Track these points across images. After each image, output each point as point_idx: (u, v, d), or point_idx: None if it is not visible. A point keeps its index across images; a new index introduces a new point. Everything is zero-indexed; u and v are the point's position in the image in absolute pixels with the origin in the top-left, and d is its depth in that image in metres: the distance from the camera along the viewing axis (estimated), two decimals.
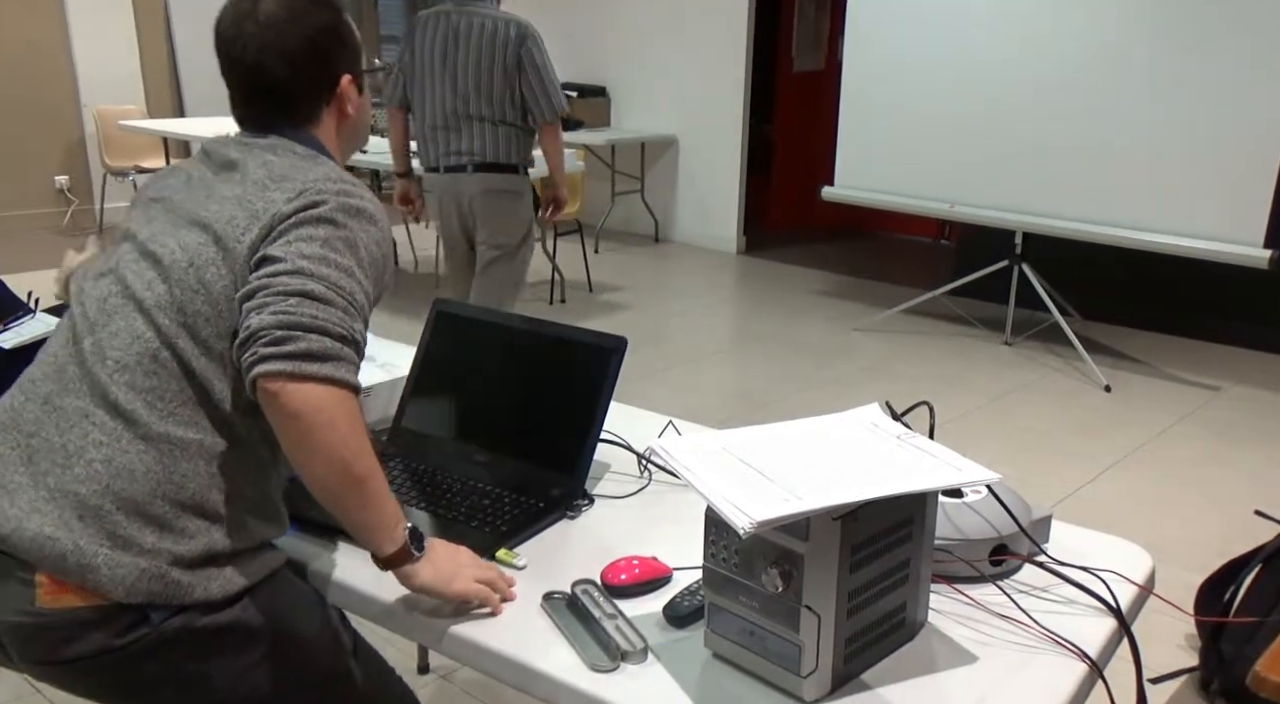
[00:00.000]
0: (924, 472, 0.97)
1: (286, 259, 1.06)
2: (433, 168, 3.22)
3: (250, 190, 1.13)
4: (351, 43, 1.25)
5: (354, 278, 1.09)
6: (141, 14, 6.57)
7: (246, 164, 1.16)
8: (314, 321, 1.03)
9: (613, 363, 1.35)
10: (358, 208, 1.13)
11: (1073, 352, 4.35)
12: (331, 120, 1.25)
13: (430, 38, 3.10)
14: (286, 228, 1.09)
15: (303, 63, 1.19)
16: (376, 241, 1.14)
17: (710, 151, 6.36)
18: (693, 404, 3.82)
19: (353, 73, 1.25)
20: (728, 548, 0.97)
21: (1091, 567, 1.16)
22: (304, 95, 1.21)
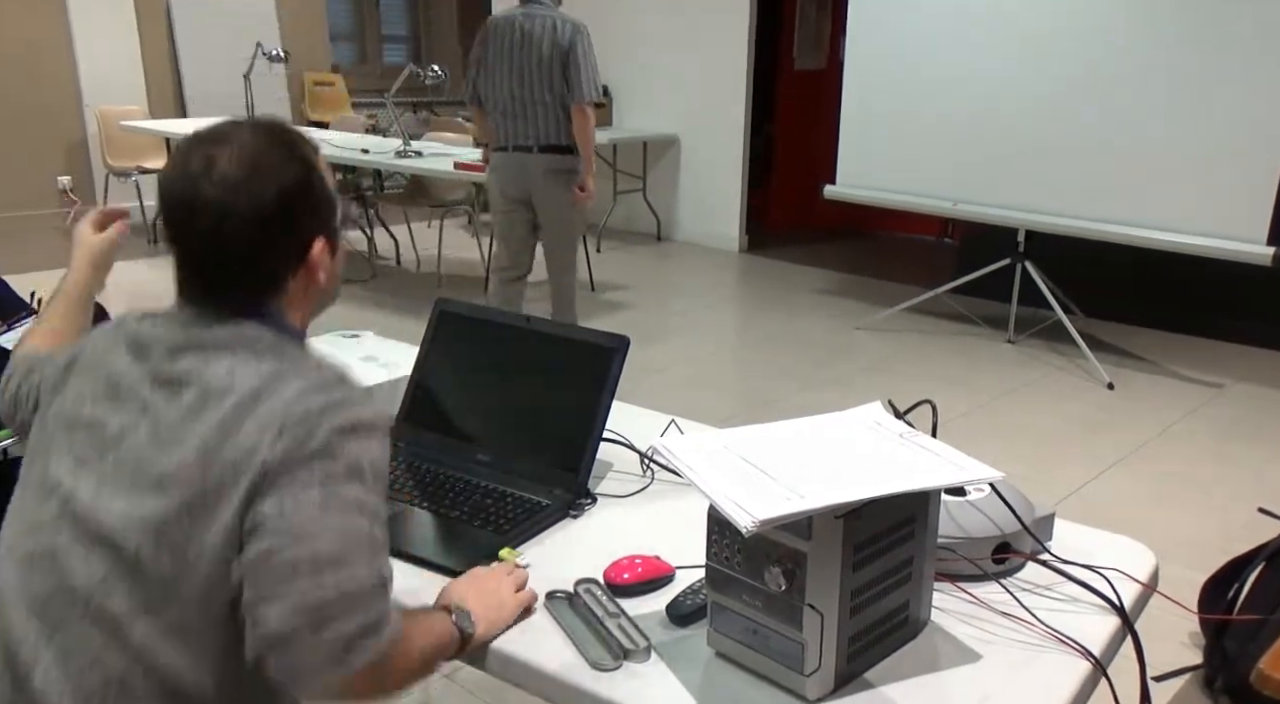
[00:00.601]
0: (926, 470, 0.97)
1: (284, 522, 0.89)
2: (501, 148, 3.67)
3: (215, 432, 0.92)
4: (325, 198, 1.04)
5: (365, 512, 0.92)
6: (143, 14, 6.58)
7: (203, 380, 0.95)
8: (337, 593, 0.88)
9: (615, 362, 1.35)
10: (351, 425, 0.94)
11: (1075, 349, 4.34)
12: (298, 288, 1.04)
13: (502, 38, 3.57)
14: (276, 478, 0.90)
15: (268, 229, 0.98)
16: (379, 455, 0.96)
17: (712, 151, 6.36)
18: (695, 403, 3.82)
19: (327, 233, 1.04)
20: (730, 547, 0.97)
21: (1095, 565, 1.16)
22: (268, 265, 1.01)
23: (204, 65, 6.79)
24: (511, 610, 1.06)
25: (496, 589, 1.08)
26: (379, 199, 5.91)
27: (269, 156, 0.99)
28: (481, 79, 3.67)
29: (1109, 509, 3.02)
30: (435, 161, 4.74)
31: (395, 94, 5.07)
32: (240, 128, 1.00)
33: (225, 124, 1.01)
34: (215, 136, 0.99)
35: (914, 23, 4.50)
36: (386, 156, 4.83)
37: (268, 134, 1.00)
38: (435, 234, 5.88)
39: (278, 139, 1.01)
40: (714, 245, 6.51)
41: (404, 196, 5.81)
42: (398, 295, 5.18)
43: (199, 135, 1.00)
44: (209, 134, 1.00)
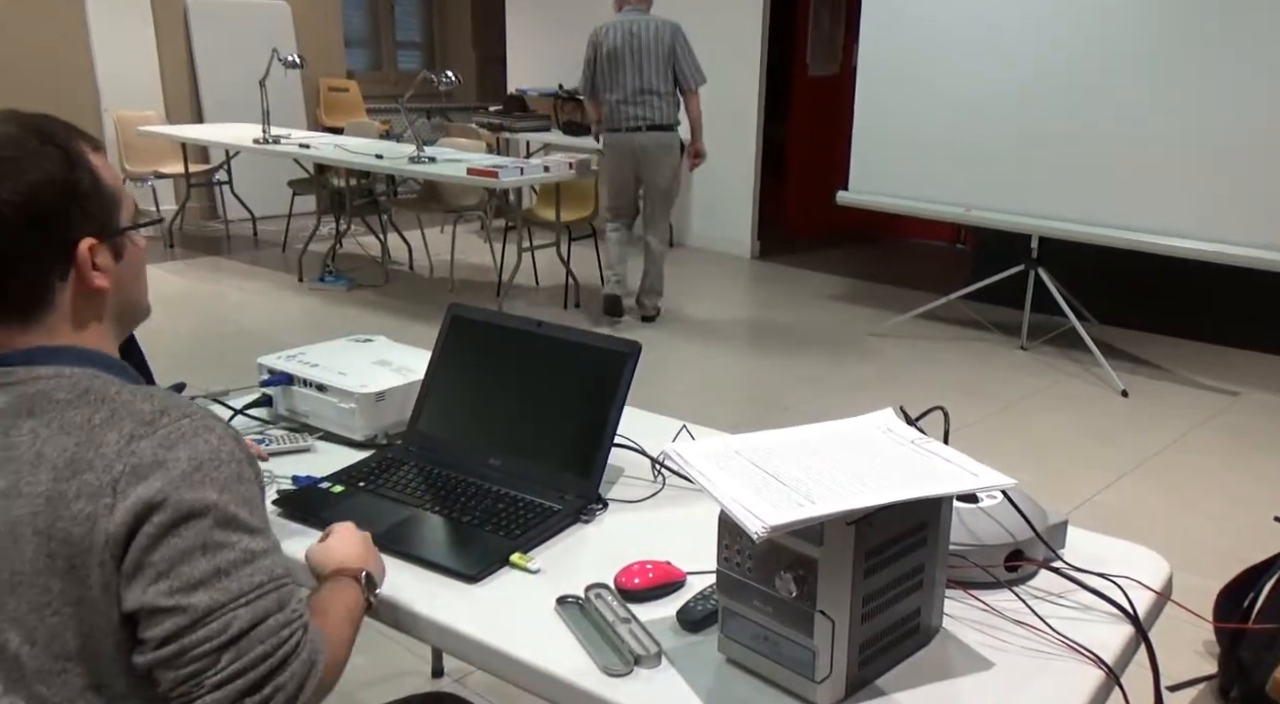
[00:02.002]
0: (939, 476, 0.96)
1: (180, 608, 0.84)
2: (614, 130, 4.59)
3: (45, 513, 0.84)
4: (95, 192, 0.93)
5: (246, 551, 0.87)
6: (161, 20, 6.63)
7: (9, 457, 0.87)
8: (267, 654, 0.86)
9: (627, 367, 1.35)
10: (174, 441, 0.87)
11: (1089, 356, 4.32)
12: (75, 299, 0.93)
13: (615, 39, 4.48)
14: (139, 558, 0.84)
15: (15, 233, 0.88)
16: (214, 452, 0.88)
17: (725, 156, 6.36)
18: (706, 408, 3.82)
19: (101, 233, 0.93)
20: (741, 552, 0.96)
21: (1108, 573, 1.15)
22: (22, 276, 0.90)
23: (220, 71, 6.84)
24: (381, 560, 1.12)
25: (366, 538, 1.13)
26: (392, 204, 5.94)
27: (18, 145, 0.89)
28: (598, 75, 4.54)
29: (1123, 517, 3.00)
30: (448, 167, 4.75)
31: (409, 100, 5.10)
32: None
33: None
34: None
35: (927, 29, 4.50)
36: (400, 162, 4.85)
37: (20, 123, 0.91)
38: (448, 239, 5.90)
39: (33, 130, 0.90)
40: (726, 251, 6.51)
41: (417, 202, 5.83)
42: (410, 300, 5.20)
43: None
44: None
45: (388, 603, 1.12)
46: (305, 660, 0.89)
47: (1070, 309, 4.37)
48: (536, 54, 7.31)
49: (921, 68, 4.54)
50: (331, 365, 1.57)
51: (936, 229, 6.78)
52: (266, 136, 5.49)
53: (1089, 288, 4.90)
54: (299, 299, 5.20)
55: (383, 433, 1.52)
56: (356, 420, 1.49)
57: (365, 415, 1.49)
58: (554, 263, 5.78)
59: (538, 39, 7.27)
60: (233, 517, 0.88)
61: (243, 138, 5.57)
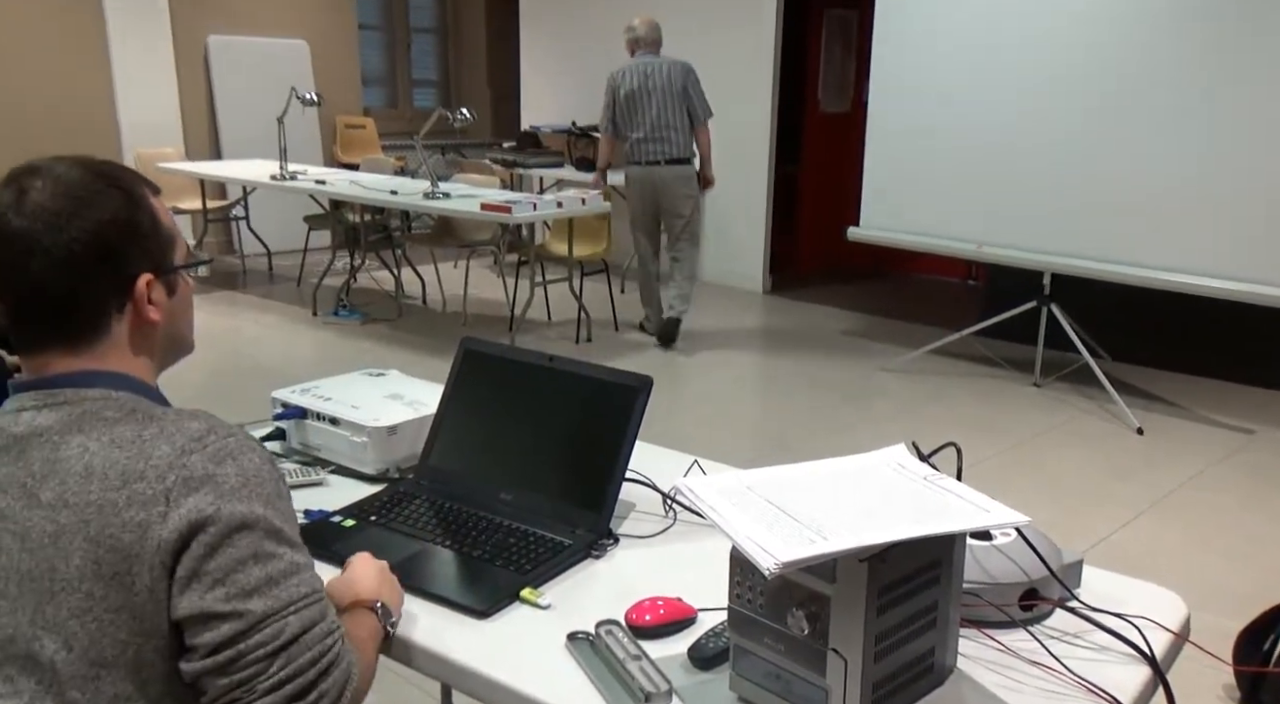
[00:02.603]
0: (952, 513, 0.96)
1: (237, 613, 0.88)
2: (636, 163, 4.94)
3: (95, 521, 0.87)
4: (154, 232, 0.98)
5: (292, 563, 0.92)
6: (182, 60, 6.76)
7: (58, 471, 0.90)
8: (314, 660, 0.90)
9: (638, 402, 1.36)
10: (222, 456, 0.91)
11: (1103, 393, 4.30)
12: (129, 331, 0.98)
13: (632, 82, 4.85)
14: (195, 566, 0.87)
15: (82, 264, 0.93)
16: (258, 470, 0.93)
17: (736, 192, 6.40)
18: (718, 443, 3.81)
19: (157, 269, 0.99)
20: (753, 589, 0.96)
21: (1125, 613, 1.14)
22: (84, 307, 0.95)
23: (239, 109, 6.95)
24: (401, 592, 1.14)
25: (382, 568, 1.14)
26: (406, 239, 5.99)
27: (86, 187, 0.94)
28: (619, 116, 4.91)
29: (1139, 556, 2.96)
30: (462, 203, 4.80)
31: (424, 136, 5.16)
32: (60, 161, 0.96)
33: (47, 158, 0.97)
34: (31, 170, 0.95)
35: (937, 66, 4.54)
36: (414, 198, 4.90)
37: (87, 167, 0.96)
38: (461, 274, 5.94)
39: (97, 172, 0.96)
40: (738, 286, 6.52)
41: (431, 237, 5.87)
42: (423, 334, 5.22)
43: (16, 169, 0.95)
44: (26, 167, 0.95)
45: (397, 638, 1.11)
46: (345, 669, 0.93)
47: (1083, 345, 4.35)
48: (550, 91, 7.40)
49: (933, 104, 4.58)
50: (344, 399, 1.58)
51: (948, 265, 6.79)
52: (283, 173, 5.56)
53: (1102, 324, 4.88)
54: (313, 333, 5.23)
55: (394, 467, 1.52)
56: (368, 454, 1.50)
57: (377, 449, 1.49)
58: (566, 297, 5.80)
59: (551, 77, 7.37)
60: (278, 529, 0.93)
61: (260, 174, 5.64)
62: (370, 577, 1.12)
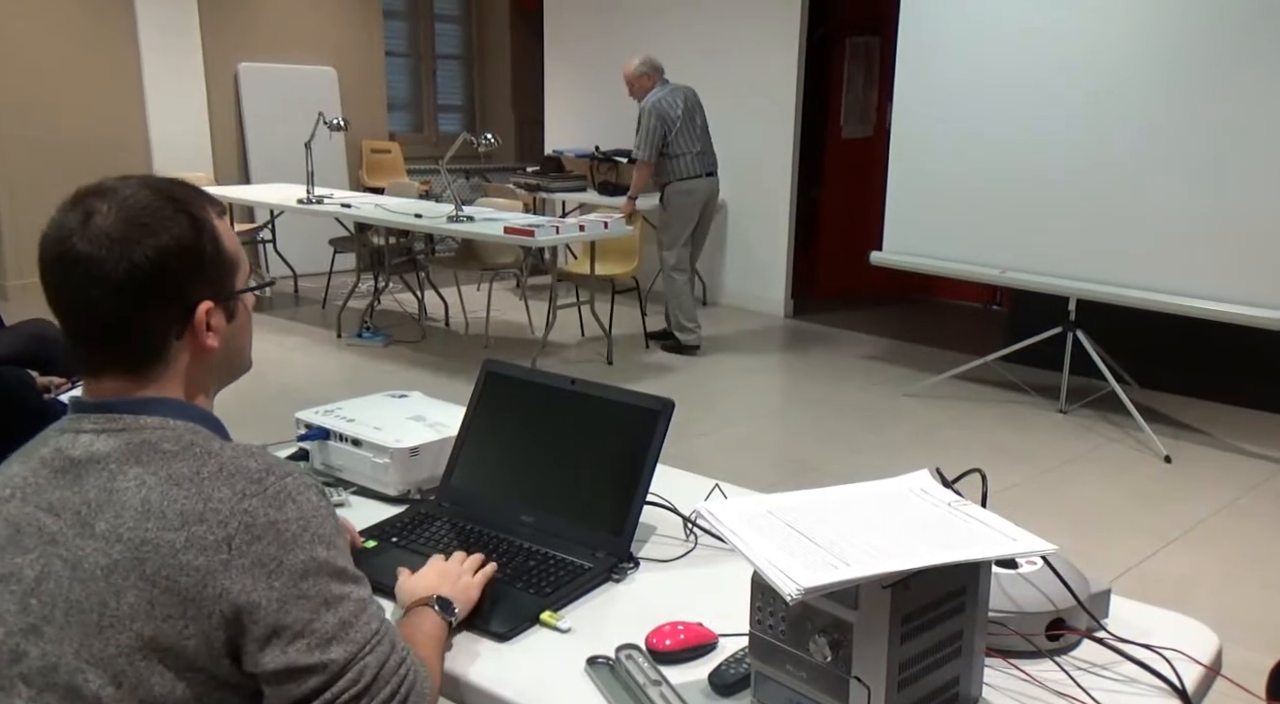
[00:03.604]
0: (977, 541, 0.95)
1: (322, 664, 0.89)
2: (697, 176, 5.29)
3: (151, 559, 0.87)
4: (217, 258, 0.97)
5: (354, 590, 0.94)
6: (214, 86, 6.88)
7: (113, 502, 0.90)
8: (393, 693, 0.93)
9: (660, 425, 1.35)
10: (282, 500, 0.91)
11: (1130, 421, 4.24)
12: (188, 357, 0.97)
13: (679, 106, 5.21)
14: (273, 621, 0.88)
15: (143, 294, 0.92)
16: (316, 509, 0.93)
17: (758, 217, 6.41)
18: (740, 467, 3.79)
19: (218, 296, 0.98)
20: (775, 615, 0.95)
21: (1154, 644, 1.12)
22: (143, 334, 0.94)
23: (268, 133, 7.06)
24: (477, 585, 1.18)
25: (459, 572, 1.19)
26: (430, 262, 6.03)
27: (153, 212, 0.93)
28: (675, 136, 5.20)
29: (1168, 587, 2.91)
30: (486, 226, 4.83)
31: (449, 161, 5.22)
32: (127, 182, 0.95)
33: (114, 179, 0.96)
34: (98, 191, 0.94)
35: (961, 91, 4.54)
36: (439, 221, 4.94)
37: (155, 189, 0.95)
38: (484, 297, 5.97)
39: (164, 195, 0.95)
40: (760, 310, 6.52)
41: (455, 260, 5.92)
42: (446, 356, 5.24)
43: (83, 189, 0.95)
44: (93, 188, 0.94)
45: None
46: (420, 692, 0.96)
47: (1110, 372, 4.30)
48: (573, 116, 7.46)
49: (956, 129, 4.57)
50: (367, 420, 1.58)
51: (972, 290, 6.75)
52: (310, 196, 5.63)
53: (1129, 350, 4.83)
54: (337, 355, 5.27)
55: (416, 488, 1.53)
56: (390, 475, 1.50)
57: (399, 470, 1.50)
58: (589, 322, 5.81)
59: (575, 102, 7.43)
60: (342, 569, 0.94)
61: (287, 198, 5.72)
62: (428, 576, 1.17)
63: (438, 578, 1.17)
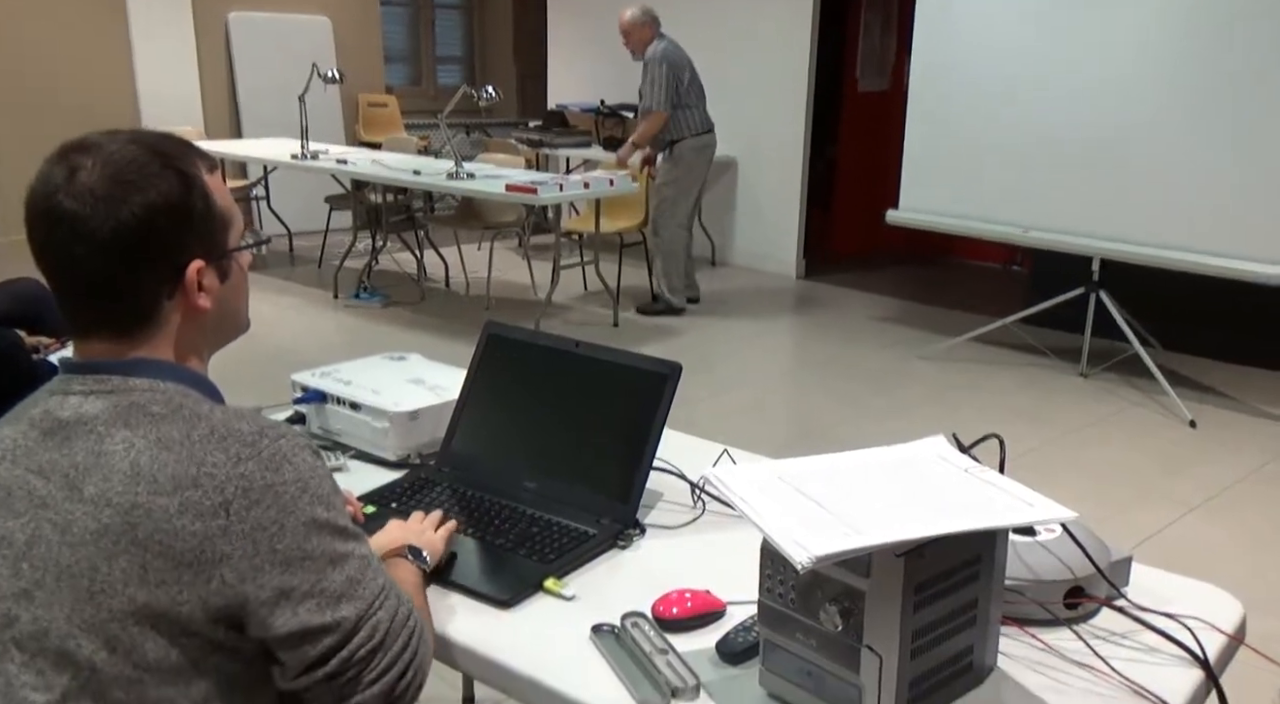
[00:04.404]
0: (994, 507, 0.95)
1: (335, 623, 0.92)
2: (707, 131, 5.25)
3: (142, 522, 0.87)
4: (208, 215, 0.97)
5: (356, 547, 0.96)
6: (203, 36, 6.82)
7: (102, 466, 0.90)
8: (405, 644, 0.96)
9: (667, 389, 1.35)
10: (278, 462, 0.92)
11: (1154, 384, 4.23)
12: (180, 318, 0.98)
13: (683, 56, 5.14)
14: (281, 584, 0.89)
15: (130, 254, 0.92)
16: (313, 470, 0.94)
17: (771, 173, 6.36)
18: (749, 432, 3.80)
19: (209, 255, 0.98)
20: (785, 583, 0.95)
21: (1176, 613, 1.12)
22: (132, 294, 0.94)
23: (260, 86, 7.00)
24: (441, 537, 1.22)
25: (421, 528, 1.23)
26: (429, 221, 6.01)
27: (139, 168, 0.92)
28: (687, 88, 5.12)
29: (1191, 555, 2.92)
30: (487, 184, 4.80)
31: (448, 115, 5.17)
32: (114, 137, 0.94)
33: (101, 133, 0.95)
34: (83, 146, 0.93)
35: (982, 42, 4.47)
36: (438, 178, 4.91)
37: (143, 144, 0.94)
38: (485, 256, 5.95)
39: (152, 150, 0.94)
40: (771, 270, 6.49)
41: (454, 218, 5.89)
42: (446, 318, 5.25)
43: (67, 144, 0.94)
44: (78, 143, 0.94)
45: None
46: (425, 641, 1.01)
47: (1133, 334, 4.28)
48: (578, 69, 7.38)
49: (976, 82, 4.51)
50: (365, 383, 1.59)
51: (991, 250, 6.71)
52: (305, 152, 5.60)
53: (1153, 312, 4.80)
54: (334, 316, 5.27)
55: (416, 453, 1.53)
56: (389, 439, 1.50)
57: (398, 434, 1.50)
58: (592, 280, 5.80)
59: (579, 54, 7.35)
60: (343, 527, 0.96)
61: (281, 153, 5.68)
62: (392, 530, 1.21)
63: (400, 532, 1.20)
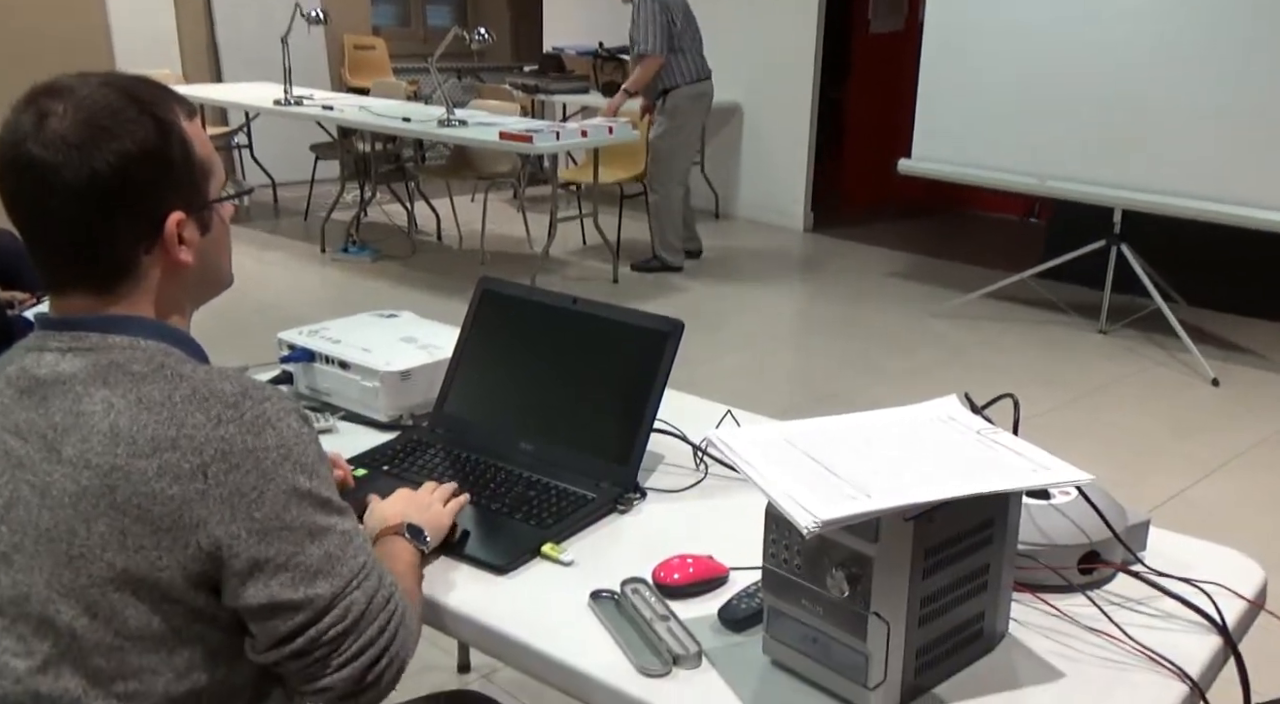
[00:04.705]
0: (1007, 470, 0.95)
1: (308, 600, 0.91)
2: (704, 78, 5.13)
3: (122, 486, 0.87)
4: (187, 164, 0.96)
5: (339, 522, 0.95)
6: None
7: (80, 426, 0.89)
8: (381, 629, 0.95)
9: (668, 347, 1.35)
10: (260, 426, 0.91)
11: (1176, 341, 4.24)
12: (160, 272, 0.97)
13: (677, 3, 4.99)
14: (255, 554, 0.89)
15: (106, 205, 0.91)
16: (298, 436, 0.93)
17: (777, 120, 6.30)
18: (753, 393, 3.81)
19: (189, 207, 0.96)
20: (790, 548, 0.96)
21: (1194, 578, 1.13)
22: (109, 248, 0.93)
23: (240, 27, 6.90)
24: (449, 513, 1.21)
25: (429, 501, 1.21)
26: (420, 171, 5.97)
27: (113, 114, 0.90)
28: (680, 31, 4.96)
29: (1211, 518, 2.94)
30: (480, 131, 4.76)
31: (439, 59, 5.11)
32: (86, 81, 0.92)
33: (72, 76, 0.93)
34: (53, 90, 0.91)
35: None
36: (428, 125, 4.87)
37: (117, 88, 0.93)
38: (479, 208, 5.92)
39: (127, 94, 0.92)
40: (777, 223, 6.46)
41: (446, 168, 5.85)
42: (438, 273, 5.23)
43: (37, 88, 0.92)
44: (48, 87, 0.92)
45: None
46: (407, 626, 0.99)
47: (1156, 289, 4.27)
48: (575, 10, 7.28)
49: (995, 24, 4.45)
50: (355, 341, 1.59)
51: (1008, 201, 6.67)
52: (288, 97, 5.54)
53: (1177, 266, 4.79)
54: (321, 271, 5.26)
55: (408, 414, 1.53)
56: (380, 400, 1.51)
57: (389, 395, 1.50)
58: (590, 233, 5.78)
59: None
60: (326, 499, 0.95)
61: (263, 99, 5.63)
62: (395, 503, 1.19)
63: (405, 505, 1.19)
